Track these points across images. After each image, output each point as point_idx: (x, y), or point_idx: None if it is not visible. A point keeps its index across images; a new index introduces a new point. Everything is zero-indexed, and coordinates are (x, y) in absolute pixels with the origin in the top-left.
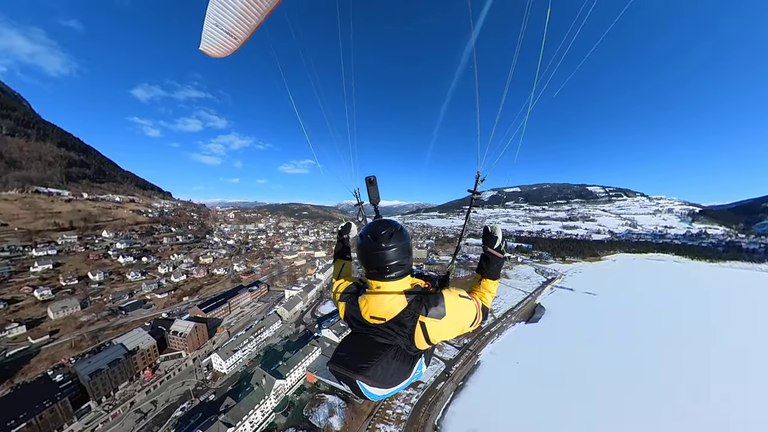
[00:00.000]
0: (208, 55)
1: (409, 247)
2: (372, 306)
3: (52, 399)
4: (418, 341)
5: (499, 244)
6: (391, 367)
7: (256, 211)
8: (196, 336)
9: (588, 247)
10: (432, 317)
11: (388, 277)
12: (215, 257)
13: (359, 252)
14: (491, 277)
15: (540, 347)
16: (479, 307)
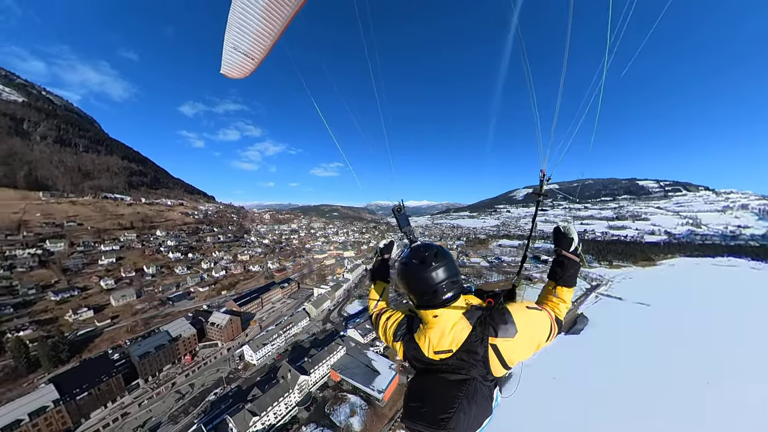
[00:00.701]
0: (229, 77)
1: (455, 265)
2: (434, 340)
3: (108, 374)
4: (494, 368)
5: (575, 246)
6: (473, 409)
7: (290, 212)
8: (231, 328)
9: (640, 250)
10: (503, 337)
11: (444, 300)
12: (251, 255)
13: (406, 280)
14: (567, 284)
15: (581, 362)
16: (552, 319)
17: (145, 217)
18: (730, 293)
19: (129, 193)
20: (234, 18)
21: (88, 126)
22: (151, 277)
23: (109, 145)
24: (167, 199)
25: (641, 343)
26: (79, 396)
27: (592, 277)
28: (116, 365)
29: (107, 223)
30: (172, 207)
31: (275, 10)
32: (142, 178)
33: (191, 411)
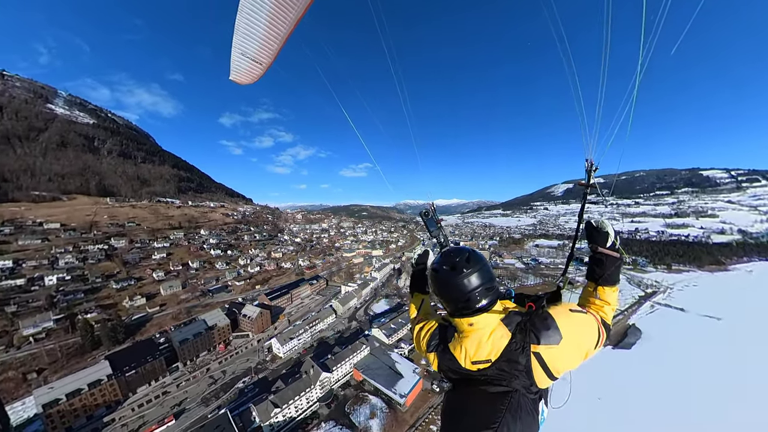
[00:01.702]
0: (238, 83)
1: (489, 269)
2: (471, 349)
3: (153, 356)
4: (538, 378)
5: (613, 240)
6: (517, 424)
7: (320, 212)
8: (261, 320)
9: (707, 252)
10: (547, 344)
11: (479, 308)
12: (284, 253)
13: (438, 288)
14: (608, 283)
15: (632, 382)
16: (599, 322)
17: (191, 218)
18: None
19: (178, 197)
20: (241, 24)
21: (144, 140)
22: (194, 270)
23: (161, 156)
24: (210, 202)
25: (707, 364)
26: (128, 373)
27: (646, 283)
28: (160, 348)
29: (159, 223)
30: (215, 209)
31: (280, 15)
32: (189, 184)
33: (221, 396)
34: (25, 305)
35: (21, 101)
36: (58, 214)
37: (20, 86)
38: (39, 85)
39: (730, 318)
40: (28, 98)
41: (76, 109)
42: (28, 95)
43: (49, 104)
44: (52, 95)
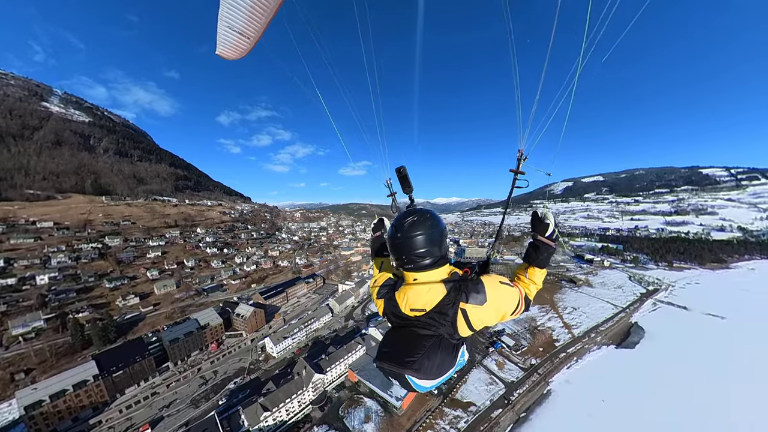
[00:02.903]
0: (225, 57)
1: (438, 235)
2: (411, 299)
3: (142, 356)
4: (461, 329)
5: (551, 231)
6: (437, 358)
7: (319, 211)
8: (255, 319)
9: (708, 249)
10: (473, 304)
11: (422, 267)
12: (281, 251)
13: (388, 243)
14: (539, 266)
15: (636, 383)
16: (522, 296)
17: (188, 216)
18: None
19: (175, 195)
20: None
21: (141, 139)
22: (190, 269)
23: (159, 154)
24: (208, 200)
25: (711, 364)
26: (115, 373)
27: (648, 280)
28: (150, 348)
29: (155, 221)
30: (212, 207)
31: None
32: (186, 182)
33: (212, 397)
34: (15, 305)
35: (15, 99)
36: (51, 213)
37: (15, 84)
38: (34, 83)
39: (734, 317)
40: (22, 96)
41: (72, 108)
42: (22, 93)
43: (44, 102)
44: (47, 93)
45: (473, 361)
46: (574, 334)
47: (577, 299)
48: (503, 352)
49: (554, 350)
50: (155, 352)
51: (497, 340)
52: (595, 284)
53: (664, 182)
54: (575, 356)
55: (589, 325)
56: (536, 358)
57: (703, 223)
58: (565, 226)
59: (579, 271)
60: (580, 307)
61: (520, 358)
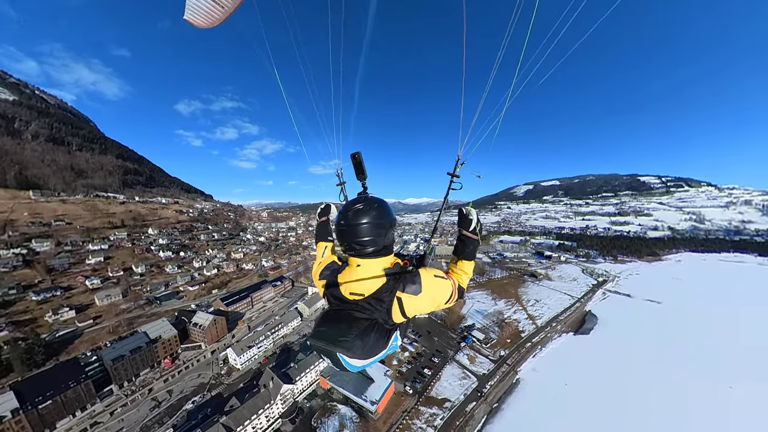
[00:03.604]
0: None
1: (384, 224)
2: (352, 282)
3: (77, 380)
4: (395, 315)
5: (474, 226)
6: (370, 340)
7: (288, 210)
8: (216, 329)
9: (645, 245)
10: (409, 293)
11: (366, 254)
12: (246, 253)
13: (335, 228)
14: (467, 258)
15: (593, 366)
16: (455, 287)
17: (138, 215)
18: (743, 290)
19: (123, 191)
20: None
21: (82, 125)
22: (139, 276)
23: (103, 143)
24: (162, 198)
25: (655, 343)
26: (42, 405)
27: (598, 272)
28: (87, 370)
29: (97, 221)
30: (167, 205)
31: None
32: (137, 177)
33: (166, 421)
34: None
35: None
36: None
37: None
38: None
39: (668, 301)
40: None
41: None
42: None
43: None
44: None
45: (446, 357)
46: (538, 325)
47: (539, 292)
48: (474, 346)
49: (521, 341)
50: (95, 374)
51: (468, 335)
52: (554, 278)
53: (610, 187)
54: (539, 345)
55: (550, 316)
56: (505, 349)
57: (640, 223)
58: (527, 225)
59: (539, 266)
60: (541, 299)
61: (490, 350)
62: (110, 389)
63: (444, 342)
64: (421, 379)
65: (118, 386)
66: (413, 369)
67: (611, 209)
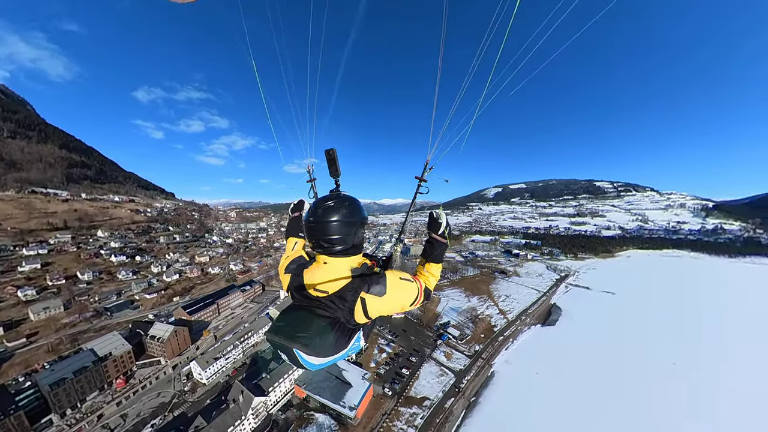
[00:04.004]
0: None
1: (353, 223)
2: (316, 279)
3: (4, 413)
4: (357, 316)
5: (443, 230)
6: (330, 338)
7: (259, 209)
8: (177, 341)
9: (600, 243)
10: (373, 294)
11: (333, 252)
12: (212, 256)
13: (304, 224)
14: (435, 261)
15: (560, 354)
16: (421, 289)
17: (84, 215)
18: (680, 280)
19: (67, 187)
20: None
21: (16, 107)
22: (86, 284)
23: (43, 130)
24: (115, 195)
25: (611, 329)
26: None
27: (560, 268)
28: (18, 399)
29: (33, 222)
30: (120, 204)
31: None
32: (84, 171)
33: None
34: None
35: None
36: None
37: None
38: None
39: (621, 292)
40: None
41: None
42: None
43: None
44: None
45: (424, 355)
46: (509, 319)
47: (509, 288)
48: (450, 342)
49: (494, 335)
50: (29, 404)
51: (444, 332)
52: (522, 274)
53: (570, 191)
54: (511, 338)
55: (520, 310)
56: (479, 344)
57: (596, 223)
58: (497, 225)
59: (508, 264)
60: (511, 295)
61: (466, 346)
62: (49, 420)
63: (421, 341)
64: (400, 379)
65: (60, 415)
66: (391, 370)
67: (571, 211)
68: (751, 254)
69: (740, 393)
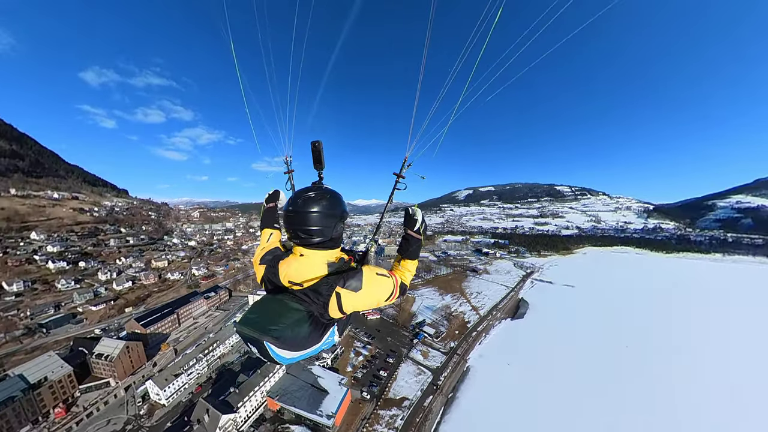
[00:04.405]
0: None
1: (333, 216)
2: (292, 271)
3: None
4: (332, 310)
5: (419, 226)
6: (302, 331)
7: (225, 209)
8: (128, 358)
9: (560, 242)
10: (348, 289)
11: (311, 244)
12: (171, 260)
13: (282, 213)
14: (411, 257)
15: (529, 345)
16: (397, 284)
17: (14, 214)
18: (628, 272)
19: None
20: None
21: None
22: (14, 296)
23: None
24: (54, 192)
25: (573, 318)
26: None
27: (526, 265)
28: None
29: None
30: (60, 201)
31: None
32: (15, 162)
33: None
34: None
35: None
36: None
37: None
38: None
39: (580, 285)
40: None
41: None
42: None
43: None
44: None
45: (401, 356)
46: (481, 314)
47: (480, 285)
48: (426, 341)
49: (467, 331)
50: None
51: (420, 331)
52: (492, 272)
53: (534, 194)
54: (484, 333)
55: (491, 305)
56: (454, 341)
57: (556, 223)
58: (467, 225)
59: (479, 262)
60: (482, 291)
61: (441, 343)
62: None
63: (397, 341)
64: (378, 381)
65: None
66: (369, 373)
67: (535, 212)
68: (684, 251)
69: (684, 357)
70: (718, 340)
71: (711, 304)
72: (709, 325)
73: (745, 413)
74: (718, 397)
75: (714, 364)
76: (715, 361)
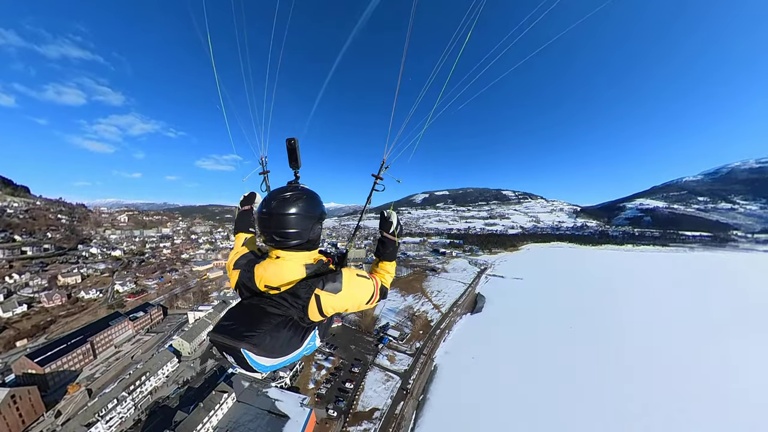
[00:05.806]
0: None
1: (311, 217)
2: (269, 275)
3: None
4: (311, 313)
5: (394, 228)
6: (281, 337)
7: (162, 213)
8: (15, 411)
9: (508, 240)
10: (328, 291)
11: (288, 246)
12: (87, 275)
13: (257, 216)
14: (388, 259)
15: (489, 337)
16: (377, 287)
17: None
18: (563, 264)
19: None
20: None
21: None
22: None
23: None
24: None
25: (524, 307)
26: None
27: (479, 262)
28: None
29: None
30: None
31: None
32: None
33: None
34: None
35: None
36: None
37: None
38: None
39: (527, 277)
40: None
41: None
42: None
43: None
44: None
45: (367, 363)
46: (443, 312)
47: (439, 283)
48: (391, 345)
49: (431, 330)
50: None
51: (384, 335)
52: (449, 270)
53: (483, 198)
54: (447, 329)
55: (451, 302)
56: (419, 341)
57: (503, 224)
58: (425, 227)
59: (437, 262)
60: (442, 290)
61: (407, 345)
62: None
63: (361, 348)
64: (345, 395)
65: None
66: (334, 387)
67: (485, 214)
68: (604, 244)
69: (618, 326)
70: (642, 309)
71: (632, 283)
72: (633, 300)
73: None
74: (650, 355)
75: (641, 329)
76: (642, 325)
